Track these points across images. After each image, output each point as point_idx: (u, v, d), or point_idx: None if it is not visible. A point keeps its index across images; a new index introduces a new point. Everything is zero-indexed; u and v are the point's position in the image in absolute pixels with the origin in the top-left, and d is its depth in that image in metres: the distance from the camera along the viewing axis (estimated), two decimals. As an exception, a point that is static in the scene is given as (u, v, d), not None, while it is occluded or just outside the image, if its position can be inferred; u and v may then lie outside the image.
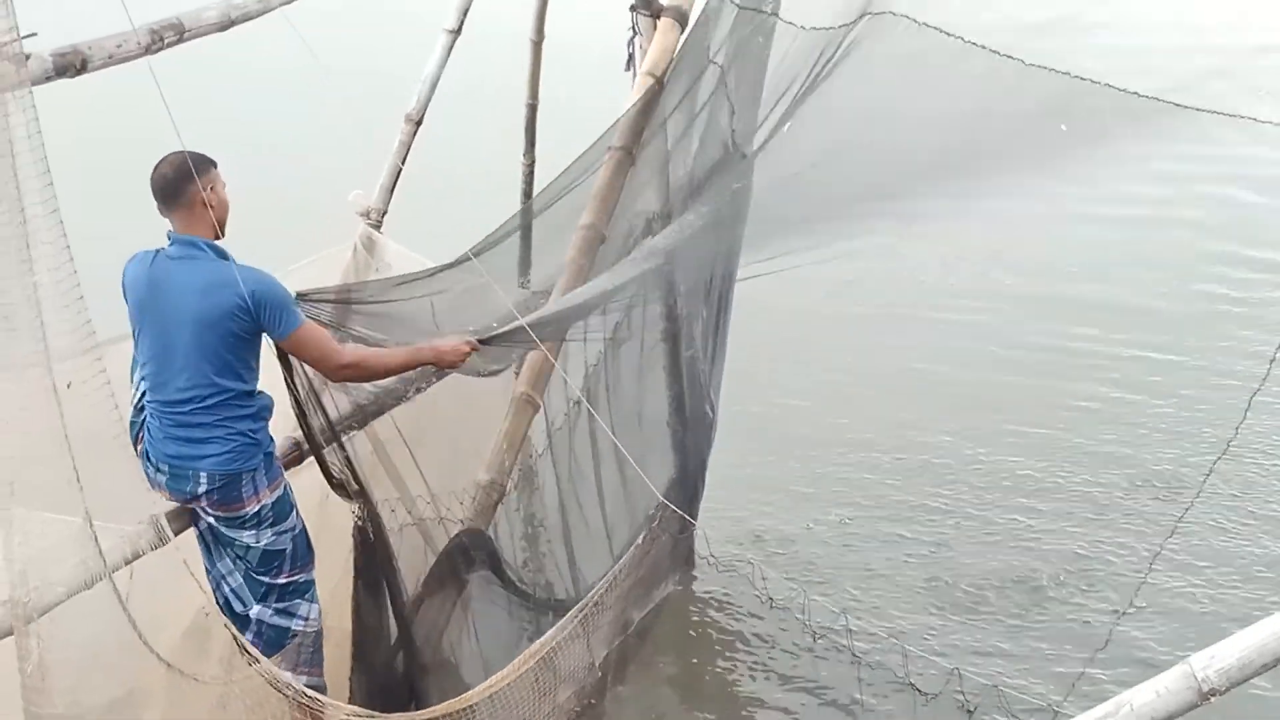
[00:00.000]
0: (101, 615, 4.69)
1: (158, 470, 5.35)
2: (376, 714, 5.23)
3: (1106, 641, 6.36)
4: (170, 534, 5.08)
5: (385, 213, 7.37)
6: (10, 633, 4.53)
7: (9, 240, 3.93)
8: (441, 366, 5.72)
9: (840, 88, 6.16)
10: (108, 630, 4.73)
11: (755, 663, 7.25)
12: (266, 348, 5.45)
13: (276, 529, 5.51)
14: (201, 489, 5.33)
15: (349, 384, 5.76)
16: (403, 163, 7.46)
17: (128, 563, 4.87)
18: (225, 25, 4.91)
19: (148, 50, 4.59)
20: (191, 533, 5.50)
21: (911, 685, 6.80)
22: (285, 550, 5.55)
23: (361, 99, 10.46)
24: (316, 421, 5.58)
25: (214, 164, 5.43)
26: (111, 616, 4.71)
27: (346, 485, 5.71)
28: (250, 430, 5.37)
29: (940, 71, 5.80)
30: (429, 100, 7.44)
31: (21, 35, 3.95)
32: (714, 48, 6.56)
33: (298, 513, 5.62)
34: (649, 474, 6.60)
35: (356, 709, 5.23)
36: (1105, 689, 6.19)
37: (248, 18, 4.99)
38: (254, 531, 5.46)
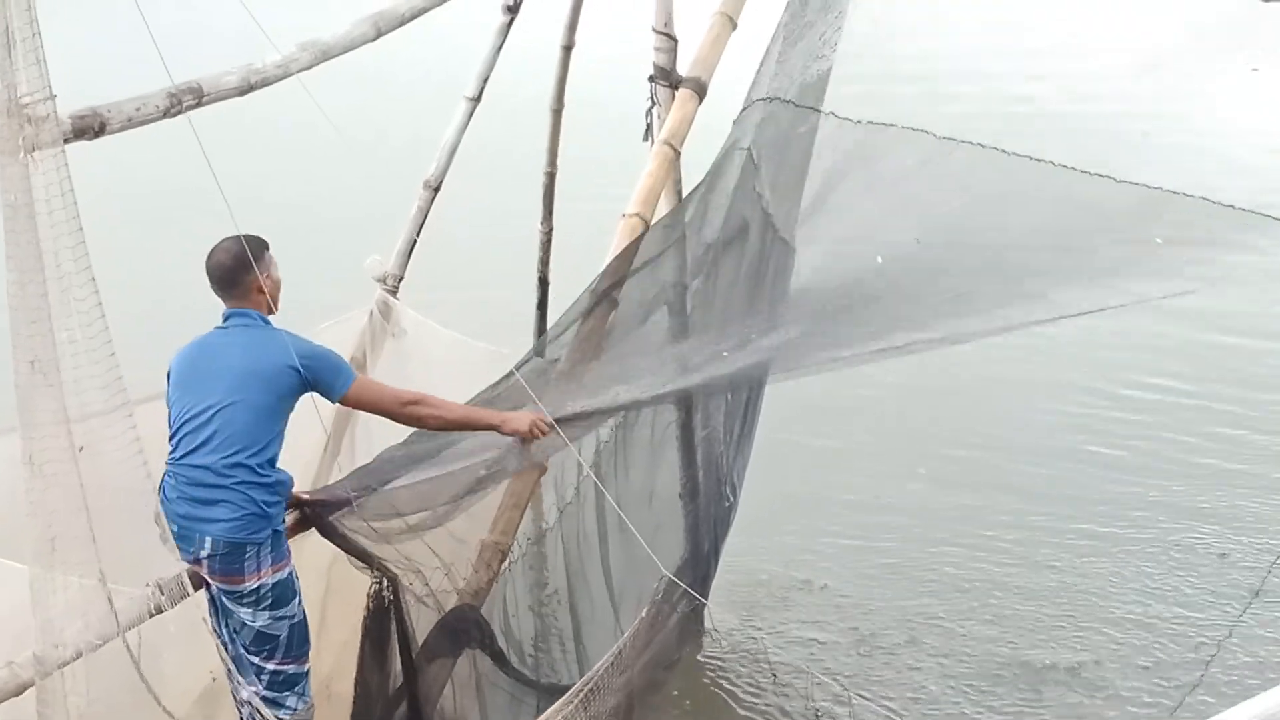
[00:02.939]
0: (115, 674, 4.81)
1: (168, 529, 5.34)
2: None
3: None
4: (171, 601, 5.14)
5: (401, 278, 7.55)
6: (23, 689, 4.65)
7: (45, 296, 4.08)
8: (504, 433, 5.82)
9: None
10: (122, 689, 4.85)
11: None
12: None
13: (274, 613, 5.52)
14: (204, 553, 5.36)
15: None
16: (420, 229, 7.63)
17: (132, 626, 4.89)
18: (245, 90, 5.00)
19: (166, 114, 4.72)
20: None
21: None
22: (280, 637, 5.56)
23: (381, 164, 10.62)
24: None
25: (267, 246, 5.64)
26: (124, 677, 4.83)
27: (370, 557, 5.77)
28: (263, 501, 5.41)
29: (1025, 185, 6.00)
30: (448, 166, 7.60)
31: (45, 96, 4.07)
32: (744, 136, 6.72)
33: (300, 602, 5.64)
34: (659, 551, 6.61)
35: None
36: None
37: (267, 83, 5.08)
38: (250, 610, 5.48)
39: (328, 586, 6.34)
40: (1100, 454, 9.88)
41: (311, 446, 6.91)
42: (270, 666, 5.55)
